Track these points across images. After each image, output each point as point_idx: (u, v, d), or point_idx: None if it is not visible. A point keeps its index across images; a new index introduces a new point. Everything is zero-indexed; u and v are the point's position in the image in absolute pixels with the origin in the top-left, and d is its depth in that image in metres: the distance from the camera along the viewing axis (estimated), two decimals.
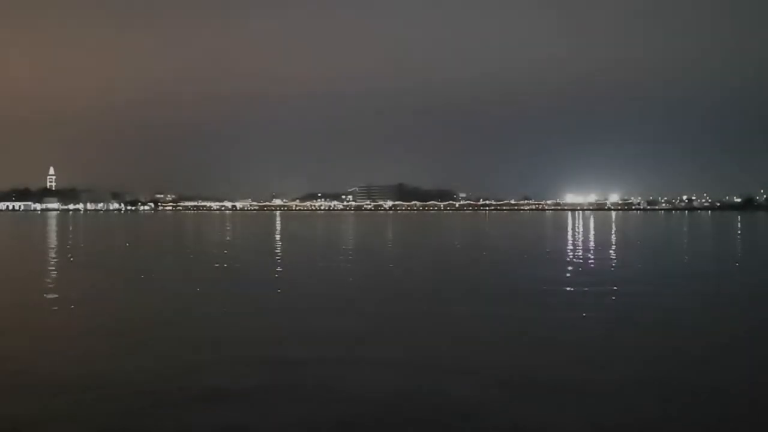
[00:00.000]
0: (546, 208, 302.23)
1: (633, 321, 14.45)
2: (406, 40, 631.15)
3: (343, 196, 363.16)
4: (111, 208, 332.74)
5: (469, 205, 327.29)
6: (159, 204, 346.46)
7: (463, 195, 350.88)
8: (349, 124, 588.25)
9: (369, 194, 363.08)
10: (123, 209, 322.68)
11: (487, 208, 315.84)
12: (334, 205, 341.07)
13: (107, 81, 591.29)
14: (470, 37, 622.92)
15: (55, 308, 16.72)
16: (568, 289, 20.32)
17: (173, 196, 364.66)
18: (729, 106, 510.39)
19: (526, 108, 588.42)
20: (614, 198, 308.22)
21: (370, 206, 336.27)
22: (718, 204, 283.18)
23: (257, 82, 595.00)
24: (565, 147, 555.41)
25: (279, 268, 27.46)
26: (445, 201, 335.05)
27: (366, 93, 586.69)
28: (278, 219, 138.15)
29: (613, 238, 54.56)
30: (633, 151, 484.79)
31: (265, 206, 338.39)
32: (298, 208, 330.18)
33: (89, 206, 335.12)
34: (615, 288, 19.87)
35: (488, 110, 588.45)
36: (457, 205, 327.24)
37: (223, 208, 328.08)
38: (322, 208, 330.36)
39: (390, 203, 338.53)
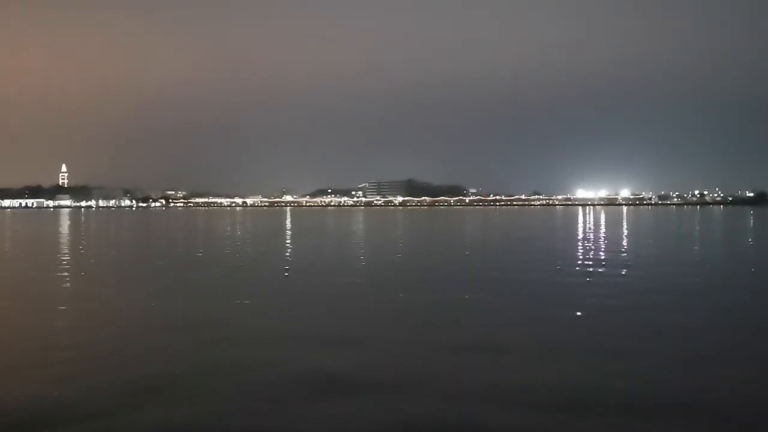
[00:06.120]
0: (556, 203, 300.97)
1: None
2: (415, 37, 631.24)
3: (353, 192, 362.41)
4: (122, 205, 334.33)
5: (479, 200, 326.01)
6: (170, 200, 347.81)
7: (473, 190, 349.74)
8: (358, 120, 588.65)
9: (379, 190, 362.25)
10: (134, 206, 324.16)
11: (497, 203, 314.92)
12: (344, 201, 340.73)
13: (119, 80, 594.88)
14: (480, 33, 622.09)
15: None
16: None
17: (184, 193, 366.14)
18: (740, 100, 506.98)
19: (536, 103, 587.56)
20: (625, 193, 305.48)
21: (379, 202, 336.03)
22: (730, 198, 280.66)
23: (267, 79, 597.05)
24: (576, 142, 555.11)
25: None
26: (455, 197, 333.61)
27: (375, 90, 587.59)
28: (288, 215, 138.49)
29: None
30: (644, 146, 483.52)
31: (275, 202, 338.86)
32: (308, 204, 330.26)
33: (101, 203, 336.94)
34: None
35: (498, 106, 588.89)
36: (467, 201, 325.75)
37: (233, 205, 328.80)
38: (332, 204, 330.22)
39: (400, 199, 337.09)
